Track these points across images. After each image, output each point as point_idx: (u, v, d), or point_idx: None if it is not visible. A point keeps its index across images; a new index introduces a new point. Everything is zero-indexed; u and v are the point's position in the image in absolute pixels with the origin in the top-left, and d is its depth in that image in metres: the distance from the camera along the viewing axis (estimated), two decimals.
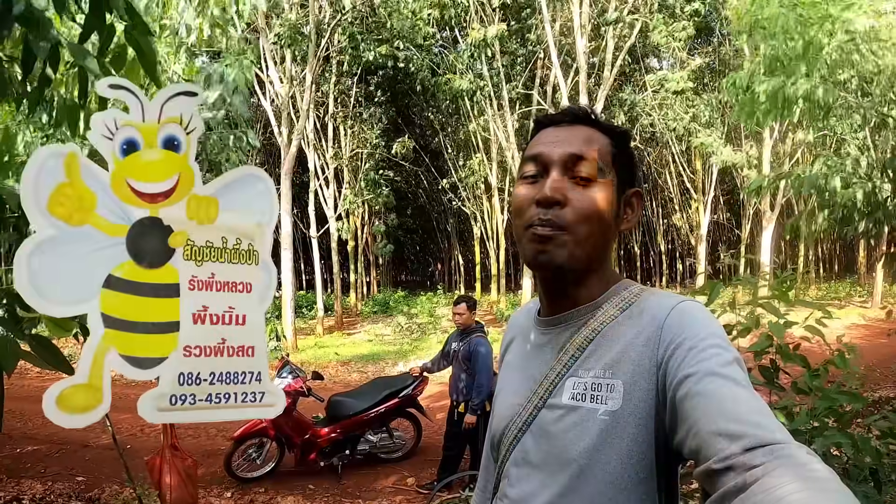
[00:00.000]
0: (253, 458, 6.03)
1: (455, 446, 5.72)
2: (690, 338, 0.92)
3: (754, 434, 0.75)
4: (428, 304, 23.38)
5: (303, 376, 6.04)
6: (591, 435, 0.97)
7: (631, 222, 1.12)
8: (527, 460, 1.07)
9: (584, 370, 1.02)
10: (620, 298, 1.06)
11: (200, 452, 6.98)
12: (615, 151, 1.08)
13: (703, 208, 22.61)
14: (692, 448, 0.82)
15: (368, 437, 6.43)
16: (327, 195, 20.58)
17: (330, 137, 21.39)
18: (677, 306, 0.99)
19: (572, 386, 1.02)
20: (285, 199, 15.02)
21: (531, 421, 1.07)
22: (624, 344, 0.99)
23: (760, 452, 0.72)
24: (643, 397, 0.94)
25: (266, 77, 15.37)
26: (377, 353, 13.95)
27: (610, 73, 15.51)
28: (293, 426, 5.94)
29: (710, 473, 0.76)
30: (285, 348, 14.29)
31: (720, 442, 0.76)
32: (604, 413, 0.96)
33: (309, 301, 25.78)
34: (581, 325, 1.07)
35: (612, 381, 0.98)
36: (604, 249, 1.08)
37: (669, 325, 0.96)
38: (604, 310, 1.06)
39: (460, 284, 36.75)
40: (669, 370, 0.91)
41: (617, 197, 1.07)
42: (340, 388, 10.69)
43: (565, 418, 1.01)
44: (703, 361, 0.87)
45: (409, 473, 6.29)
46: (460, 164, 25.28)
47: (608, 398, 0.97)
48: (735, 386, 0.83)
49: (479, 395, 5.35)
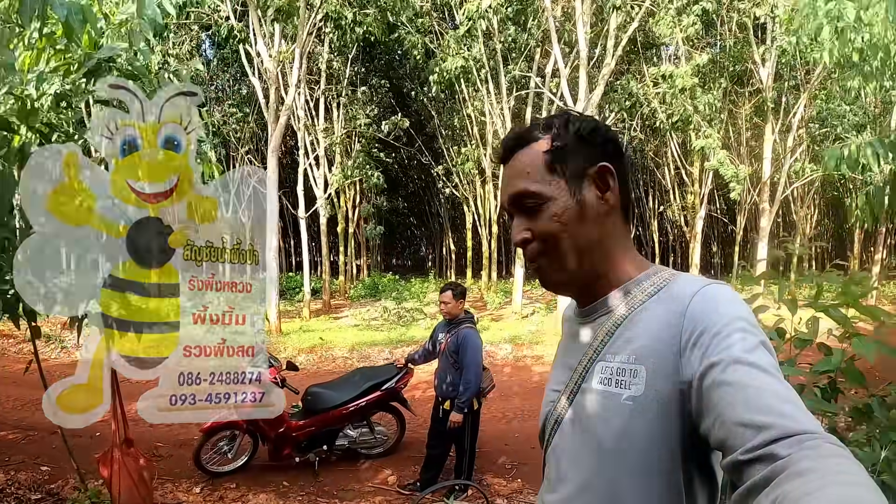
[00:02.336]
0: (224, 451, 5.64)
1: (439, 445, 5.33)
2: (714, 323, 0.91)
3: (781, 424, 0.74)
4: (418, 289, 23.04)
5: (277, 366, 5.63)
6: (615, 420, 0.99)
7: (612, 198, 1.09)
8: (564, 446, 1.12)
9: (611, 355, 1.04)
10: (650, 283, 1.06)
11: (173, 442, 6.61)
12: (549, 156, 1.08)
13: (700, 202, 22.26)
14: (719, 438, 0.82)
15: (348, 431, 6.03)
16: (317, 175, 20.13)
17: (321, 115, 20.92)
18: (701, 290, 0.98)
19: (600, 370, 1.04)
20: (272, 177, 14.58)
21: (568, 406, 1.11)
22: (649, 329, 1.00)
23: (787, 443, 0.72)
24: (666, 383, 0.94)
25: (255, 51, 14.82)
26: (363, 339, 13.53)
27: (611, 60, 15.04)
28: (266, 419, 5.55)
29: (737, 465, 0.76)
30: (268, 331, 13.89)
31: (746, 433, 0.76)
32: (627, 398, 0.98)
33: (297, 283, 25.41)
34: (610, 311, 1.08)
35: (636, 367, 0.98)
36: (592, 248, 1.08)
37: (693, 310, 0.95)
38: (632, 295, 1.06)
39: (451, 270, 36.60)
40: (694, 357, 0.90)
41: (574, 194, 1.07)
42: (324, 375, 10.32)
43: (594, 403, 1.04)
44: (728, 348, 0.86)
45: (391, 471, 5.91)
46: (454, 149, 24.92)
47: (631, 383, 0.98)
48: (761, 373, 0.82)
49: (466, 393, 4.94)
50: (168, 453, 6.26)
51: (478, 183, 25.39)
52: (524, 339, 13.51)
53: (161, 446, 6.46)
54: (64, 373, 9.49)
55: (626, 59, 20.40)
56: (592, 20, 16.51)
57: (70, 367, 10.13)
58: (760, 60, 18.07)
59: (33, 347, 3.98)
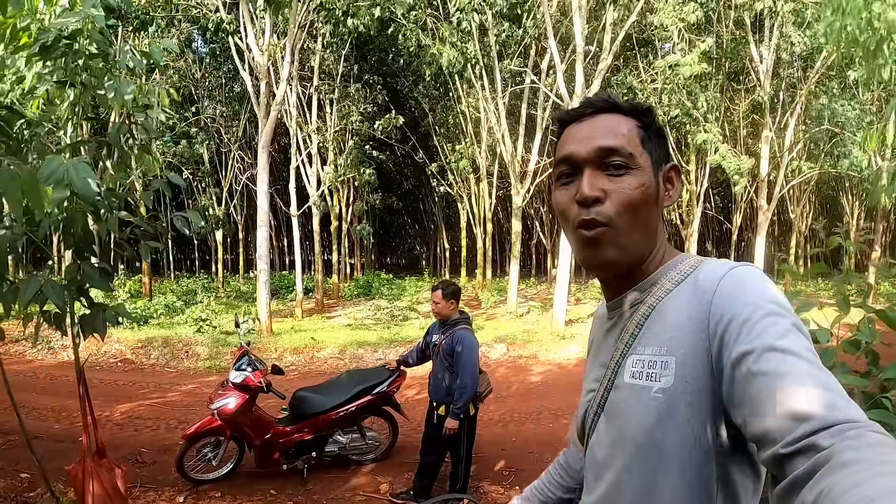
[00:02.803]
0: (208, 458, 5.38)
1: (434, 452, 5.07)
2: (743, 309, 0.88)
3: (821, 414, 0.72)
4: (412, 287, 22.84)
5: (263, 369, 5.38)
6: (646, 413, 0.97)
7: (673, 198, 1.10)
8: (601, 443, 1.10)
9: (642, 347, 1.02)
10: (677, 272, 1.05)
11: (157, 448, 6.36)
12: (643, 133, 1.07)
13: (696, 200, 22.10)
14: (757, 432, 0.79)
15: (338, 437, 5.78)
16: (310, 173, 19.92)
17: (314, 112, 20.69)
18: (727, 274, 0.95)
19: (632, 364, 1.03)
20: (262, 175, 14.34)
21: (604, 404, 1.09)
22: (677, 318, 0.98)
23: (829, 433, 0.70)
24: (696, 374, 0.92)
25: (245, 45, 14.55)
26: (356, 339, 13.27)
27: (609, 54, 14.82)
28: (252, 424, 5.29)
29: (778, 459, 0.74)
30: (258, 332, 13.61)
31: (786, 425, 0.74)
32: (657, 391, 0.96)
33: (289, 282, 25.22)
34: (639, 303, 1.07)
35: (665, 358, 0.96)
36: (652, 233, 1.08)
37: (720, 295, 0.93)
38: (660, 285, 1.05)
39: (445, 269, 36.53)
40: (725, 346, 0.87)
41: (654, 177, 1.06)
42: (314, 376, 10.09)
43: (626, 398, 1.03)
44: (761, 335, 0.83)
45: (383, 478, 5.66)
46: (448, 147, 24.77)
47: (661, 375, 0.96)
48: (797, 359, 0.80)
49: (461, 398, 4.69)
50: (151, 459, 6.01)
51: (472, 181, 25.28)
52: (520, 339, 13.29)
53: (145, 452, 6.21)
54: (52, 374, 9.35)
55: (623, 55, 20.26)
56: (589, 15, 16.34)
57: (57, 368, 10.00)
58: (759, 57, 17.92)
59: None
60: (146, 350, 11.51)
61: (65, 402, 7.74)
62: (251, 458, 5.49)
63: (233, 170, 24.56)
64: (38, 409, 7.55)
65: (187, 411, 7.76)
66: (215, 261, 28.60)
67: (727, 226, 31.64)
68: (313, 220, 20.85)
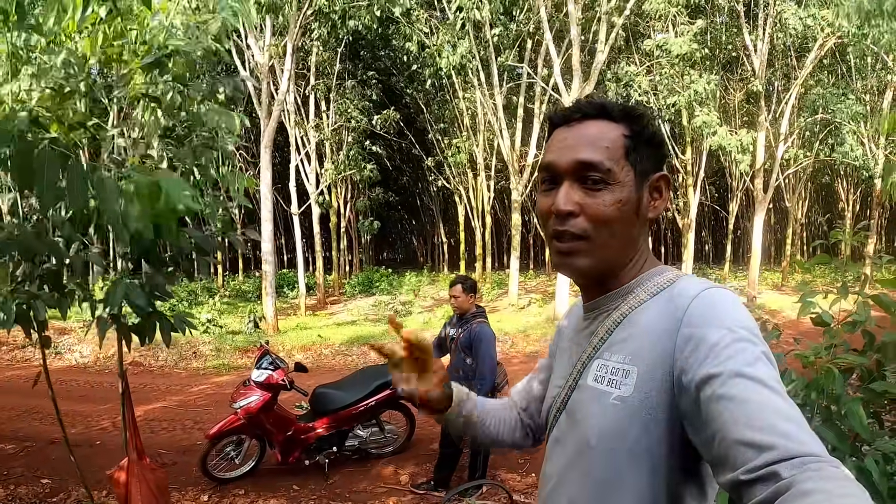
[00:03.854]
0: (231, 456, 5.46)
1: (452, 444, 5.17)
2: (714, 332, 0.88)
3: (784, 445, 0.72)
4: (412, 282, 22.92)
5: (284, 367, 5.46)
6: (602, 418, 0.98)
7: (659, 209, 1.09)
8: (559, 439, 1.12)
9: (609, 353, 1.02)
10: (653, 283, 1.04)
11: (175, 449, 6.43)
12: (630, 143, 1.05)
13: (694, 189, 22.16)
14: (718, 455, 0.79)
15: (357, 431, 5.88)
16: (309, 171, 19.95)
17: (312, 111, 20.71)
18: (701, 294, 0.95)
19: (596, 368, 1.03)
20: (265, 174, 14.38)
21: (567, 401, 1.10)
22: (646, 330, 0.98)
23: (789, 465, 0.71)
24: (657, 388, 0.92)
25: (245, 45, 14.58)
26: (361, 334, 13.37)
27: (605, 46, 14.85)
28: (274, 422, 5.39)
29: (737, 484, 0.75)
30: (265, 330, 13.69)
31: (746, 452, 0.74)
32: (616, 398, 0.96)
33: (290, 280, 25.24)
34: (613, 309, 1.07)
35: (629, 367, 0.97)
36: (630, 245, 1.07)
37: (691, 315, 0.92)
38: (634, 294, 1.05)
39: (444, 263, 36.53)
40: (690, 367, 0.87)
41: (637, 190, 1.04)
42: (325, 372, 10.17)
43: (586, 400, 1.04)
44: (729, 360, 0.83)
45: (402, 470, 5.77)
46: (445, 142, 24.80)
47: (622, 384, 0.96)
48: (763, 388, 0.80)
49: (481, 389, 4.76)
50: (172, 461, 6.09)
51: (470, 175, 25.30)
52: (525, 331, 13.40)
53: (164, 453, 6.29)
54: (61, 379, 9.39)
55: (619, 47, 20.27)
56: (584, 7, 16.38)
57: (65, 373, 10.05)
58: (752, 46, 17.98)
59: (43, 359, 3.82)
60: (154, 352, 11.56)
61: (77, 407, 7.81)
62: (273, 455, 5.59)
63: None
64: (52, 414, 7.58)
65: (201, 412, 7.85)
66: (215, 261, 28.57)
67: (723, 214, 31.77)
68: (313, 217, 20.90)
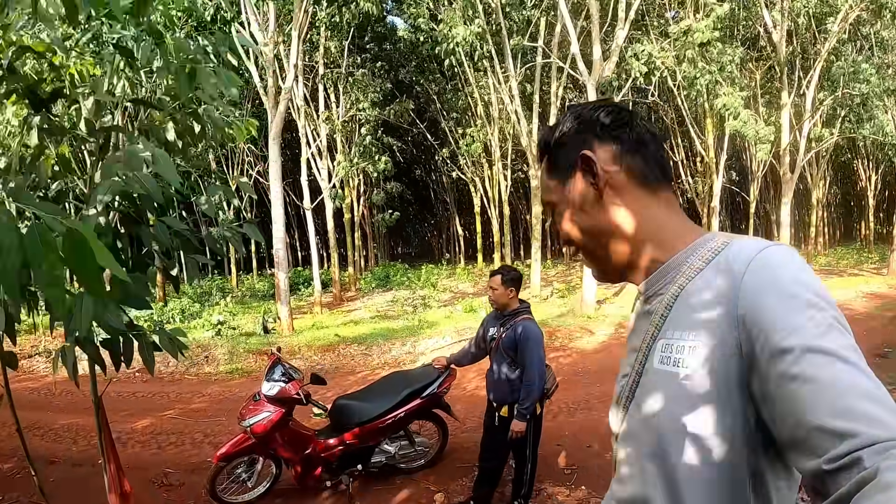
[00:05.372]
0: (242, 478, 4.81)
1: (495, 457, 4.49)
2: (777, 299, 0.81)
3: (865, 431, 0.68)
4: (431, 276, 22.38)
5: (299, 378, 4.77)
6: (672, 401, 0.92)
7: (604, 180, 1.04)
8: (630, 431, 1.04)
9: (671, 331, 0.96)
10: (705, 250, 0.97)
11: (184, 467, 5.81)
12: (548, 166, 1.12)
13: (717, 171, 21.34)
14: (794, 439, 0.75)
15: (385, 446, 5.21)
16: (321, 166, 19.41)
17: (321, 102, 20.15)
18: (758, 257, 0.87)
19: (660, 349, 0.97)
20: (274, 167, 13.78)
21: (635, 389, 1.03)
22: (704, 302, 0.91)
23: (873, 451, 0.67)
24: (725, 363, 0.86)
25: (248, 34, 13.95)
26: (382, 331, 12.72)
27: (626, 24, 14.08)
28: (290, 440, 4.70)
29: (820, 474, 0.71)
30: (279, 332, 13.08)
31: (827, 440, 0.71)
32: (684, 378, 0.90)
33: (304, 278, 24.77)
34: (667, 284, 1.00)
35: (693, 344, 0.90)
36: (614, 232, 1.05)
37: (750, 281, 0.85)
38: (688, 264, 0.98)
39: (461, 255, 36.04)
40: (757, 339, 0.81)
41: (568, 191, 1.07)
42: (345, 376, 9.55)
43: (653, 385, 0.97)
44: (797, 332, 0.77)
45: (436, 487, 5.11)
46: (459, 132, 24.24)
47: (688, 362, 0.90)
48: (838, 362, 0.74)
49: (529, 396, 4.10)
50: (179, 481, 5.46)
51: (485, 165, 24.75)
52: (551, 324, 12.70)
53: (171, 472, 5.66)
54: (66, 390, 8.79)
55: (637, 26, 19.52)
56: None
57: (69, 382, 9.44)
58: (771, 23, 17.21)
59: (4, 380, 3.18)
60: (164, 358, 10.99)
61: (82, 421, 7.23)
62: (289, 474, 4.94)
63: (241, 167, 24.08)
64: (54, 429, 7.04)
65: (212, 423, 7.23)
66: (228, 261, 28.19)
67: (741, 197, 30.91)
68: (326, 212, 20.34)
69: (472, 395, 7.97)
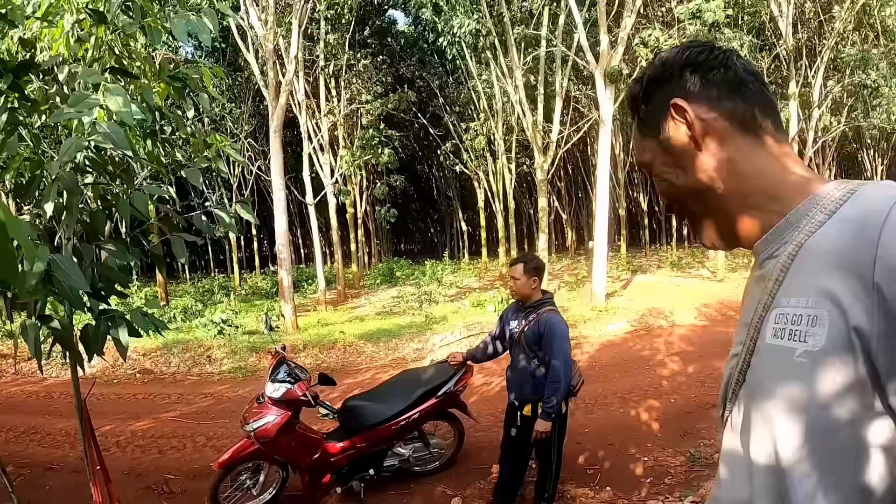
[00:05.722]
0: (247, 486, 4.51)
1: (518, 458, 4.19)
2: None
3: None
4: (435, 271, 22.14)
5: (305, 378, 4.45)
6: (787, 384, 0.76)
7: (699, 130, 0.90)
8: (738, 424, 0.88)
9: (786, 298, 0.80)
10: (829, 200, 0.80)
11: (185, 473, 5.52)
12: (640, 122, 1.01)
13: None
14: None
15: (398, 449, 4.91)
16: (323, 161, 19.14)
17: (322, 96, 19.87)
18: None
19: (774, 319, 0.81)
20: (276, 161, 13.49)
21: (745, 370, 0.87)
22: (831, 260, 0.75)
23: None
24: (853, 334, 0.70)
25: (247, 25, 13.66)
26: (389, 328, 12.44)
27: (632, 11, 13.77)
28: (297, 445, 4.39)
29: None
30: (283, 331, 12.79)
31: None
32: (802, 354, 0.74)
33: (307, 275, 24.54)
34: (785, 242, 0.84)
35: (814, 312, 0.74)
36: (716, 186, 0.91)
37: (888, 234, 0.69)
38: (809, 217, 0.82)
39: (465, 250, 35.83)
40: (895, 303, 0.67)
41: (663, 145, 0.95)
42: (353, 374, 9.27)
43: (766, 363, 0.82)
44: None
45: (453, 491, 4.81)
46: (462, 126, 23.99)
47: (808, 334, 0.74)
48: None
49: (555, 394, 3.78)
50: (180, 488, 5.17)
51: (489, 158, 24.49)
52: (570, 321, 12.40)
53: (172, 478, 5.37)
54: (67, 392, 8.47)
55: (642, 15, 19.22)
56: None
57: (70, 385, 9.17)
58: (777, 9, 16.92)
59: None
60: (165, 358, 10.71)
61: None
62: (297, 480, 4.64)
63: (240, 165, 23.80)
64: (52, 433, 6.76)
65: (214, 425, 6.93)
66: (230, 259, 27.99)
67: None
68: (329, 208, 20.07)
69: (486, 391, 7.68)
